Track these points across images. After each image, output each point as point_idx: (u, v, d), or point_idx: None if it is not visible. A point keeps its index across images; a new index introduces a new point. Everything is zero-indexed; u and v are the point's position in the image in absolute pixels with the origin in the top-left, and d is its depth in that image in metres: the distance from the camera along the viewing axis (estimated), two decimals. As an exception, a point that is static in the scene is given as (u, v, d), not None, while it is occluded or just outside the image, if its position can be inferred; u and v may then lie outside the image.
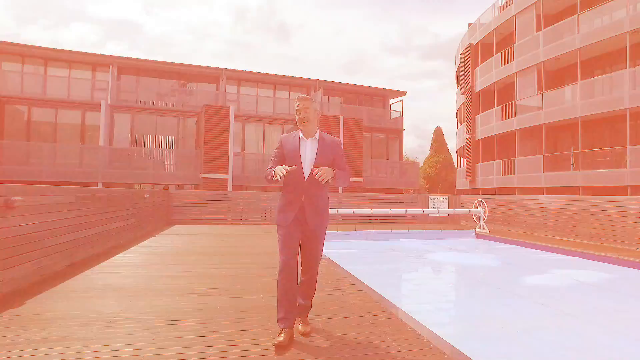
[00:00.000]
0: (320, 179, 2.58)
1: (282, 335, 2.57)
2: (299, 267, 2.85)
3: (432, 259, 7.90)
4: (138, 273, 4.81)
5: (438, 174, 39.53)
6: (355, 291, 4.16)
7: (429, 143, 41.88)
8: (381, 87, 23.94)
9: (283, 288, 2.69)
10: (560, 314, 4.06)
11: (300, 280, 2.88)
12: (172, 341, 2.62)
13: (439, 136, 41.68)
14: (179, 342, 2.61)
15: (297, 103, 2.85)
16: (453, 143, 31.72)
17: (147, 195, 9.42)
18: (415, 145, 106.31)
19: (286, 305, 2.68)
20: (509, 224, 11.31)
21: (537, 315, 3.94)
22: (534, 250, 8.33)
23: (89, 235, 5.81)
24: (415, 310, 3.56)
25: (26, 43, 17.42)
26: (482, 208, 11.11)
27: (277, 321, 2.69)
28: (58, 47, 18.18)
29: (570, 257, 7.35)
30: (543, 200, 10.26)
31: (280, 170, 2.57)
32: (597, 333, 3.56)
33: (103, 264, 5.35)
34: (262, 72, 21.07)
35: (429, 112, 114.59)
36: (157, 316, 3.14)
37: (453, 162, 37.94)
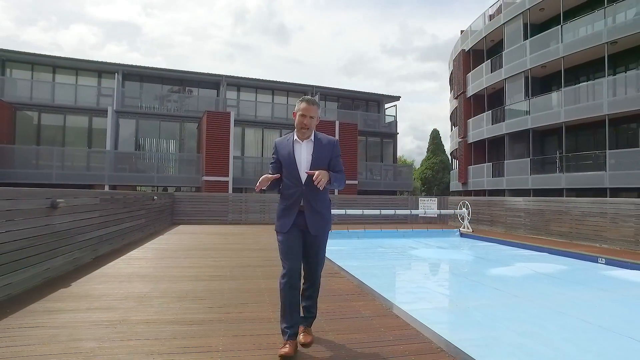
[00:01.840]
0: (318, 185, 2.44)
1: (287, 346, 2.46)
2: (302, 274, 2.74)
3: (414, 254, 8.74)
4: (155, 264, 5.62)
5: (435, 176, 40.03)
6: (340, 277, 4.97)
7: (427, 144, 42.53)
8: (376, 92, 24.81)
9: (287, 298, 2.57)
10: (509, 295, 4.89)
11: (302, 287, 2.73)
12: (193, 310, 3.43)
13: (436, 138, 42.24)
14: (199, 310, 3.43)
15: (304, 105, 2.63)
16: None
17: (155, 197, 10.22)
18: (413, 147, 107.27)
19: (290, 316, 2.56)
20: (492, 224, 12.14)
21: (489, 296, 4.77)
22: (509, 247, 9.16)
23: (109, 233, 6.61)
24: (389, 291, 4.35)
25: (34, 51, 18.21)
26: (466, 209, 11.94)
27: (282, 332, 2.57)
28: (64, 55, 18.98)
29: (538, 252, 8.18)
30: (520, 201, 11.10)
31: (262, 181, 2.55)
32: (532, 308, 4.41)
33: (123, 257, 6.15)
34: (260, 78, 21.91)
35: (428, 113, 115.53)
36: (178, 294, 3.95)
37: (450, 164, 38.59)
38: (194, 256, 6.45)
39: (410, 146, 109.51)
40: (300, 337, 2.60)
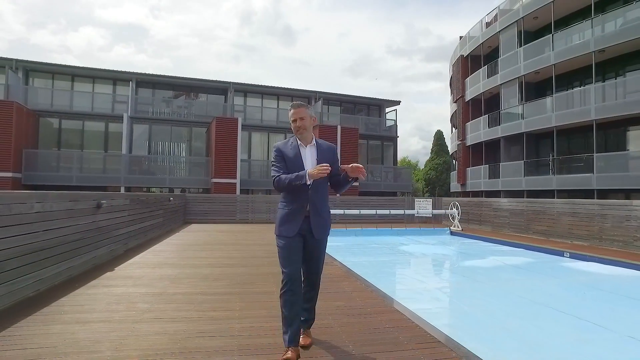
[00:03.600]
0: (361, 172, 2.59)
1: (290, 353, 2.47)
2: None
3: (403, 250, 9.73)
4: (177, 255, 6.66)
5: (439, 177, 40.63)
6: (332, 266, 5.96)
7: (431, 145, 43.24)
8: (377, 97, 25.79)
9: (289, 304, 2.57)
10: (472, 281, 5.86)
11: (303, 291, 2.78)
12: (215, 286, 4.46)
13: (439, 139, 42.84)
14: (219, 287, 4.45)
15: (292, 111, 2.74)
16: (453, 146, 33.19)
17: (171, 198, 11.30)
18: (419, 147, 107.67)
19: (292, 323, 2.57)
20: (481, 223, 13.06)
21: (455, 281, 5.74)
22: (491, 243, 10.09)
23: (135, 229, 7.67)
24: (371, 277, 5.30)
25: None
26: (457, 209, 12.87)
27: (284, 338, 2.57)
28: (82, 64, 20.16)
29: (515, 248, 9.10)
30: (505, 202, 12.02)
31: (320, 171, 2.48)
32: (487, 289, 5.43)
33: (148, 250, 7.20)
34: (266, 84, 23.01)
35: (433, 113, 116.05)
36: (202, 276, 4.98)
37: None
38: (209, 249, 7.48)
39: (416, 147, 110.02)
40: (300, 340, 2.64)
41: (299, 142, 2.75)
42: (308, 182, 2.55)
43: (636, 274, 6.03)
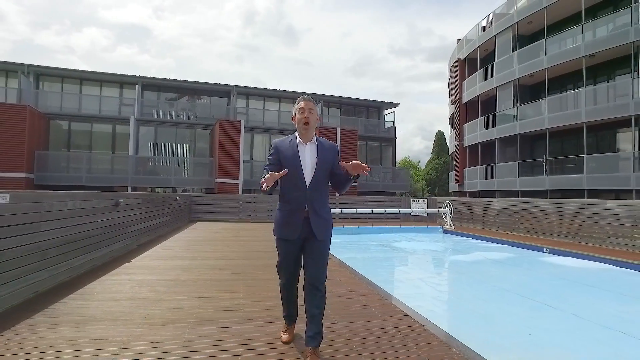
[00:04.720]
0: (362, 169, 2.44)
1: (288, 332, 2.85)
2: (301, 276, 2.74)
3: (395, 246, 10.35)
4: (186, 250, 7.30)
5: (440, 177, 41.19)
6: (326, 259, 6.59)
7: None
8: (376, 99, 26.43)
9: (287, 297, 2.87)
10: (452, 272, 6.48)
11: (309, 295, 2.58)
12: (222, 275, 5.09)
13: (440, 139, 43.38)
14: (225, 275, 5.08)
15: (302, 102, 2.69)
16: (454, 146, 33.71)
17: (177, 198, 11.94)
18: (422, 147, 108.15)
19: (289, 307, 2.89)
20: (472, 222, 13.66)
21: (435, 272, 6.35)
22: (480, 240, 10.68)
23: (146, 226, 8.30)
24: (362, 268, 5.91)
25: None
26: (449, 209, 13.47)
27: (284, 319, 2.94)
28: (90, 68, 20.84)
29: (501, 245, 9.70)
30: (495, 202, 12.60)
31: (270, 178, 2.36)
32: (463, 279, 6.06)
33: (158, 245, 7.83)
34: (268, 87, 23.65)
35: (436, 113, 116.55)
36: (210, 267, 5.61)
37: (455, 165, 39.65)
38: (215, 245, 8.12)
39: (419, 147, 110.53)
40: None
41: (298, 139, 2.66)
42: (264, 188, 2.42)
43: (601, 266, 6.64)
